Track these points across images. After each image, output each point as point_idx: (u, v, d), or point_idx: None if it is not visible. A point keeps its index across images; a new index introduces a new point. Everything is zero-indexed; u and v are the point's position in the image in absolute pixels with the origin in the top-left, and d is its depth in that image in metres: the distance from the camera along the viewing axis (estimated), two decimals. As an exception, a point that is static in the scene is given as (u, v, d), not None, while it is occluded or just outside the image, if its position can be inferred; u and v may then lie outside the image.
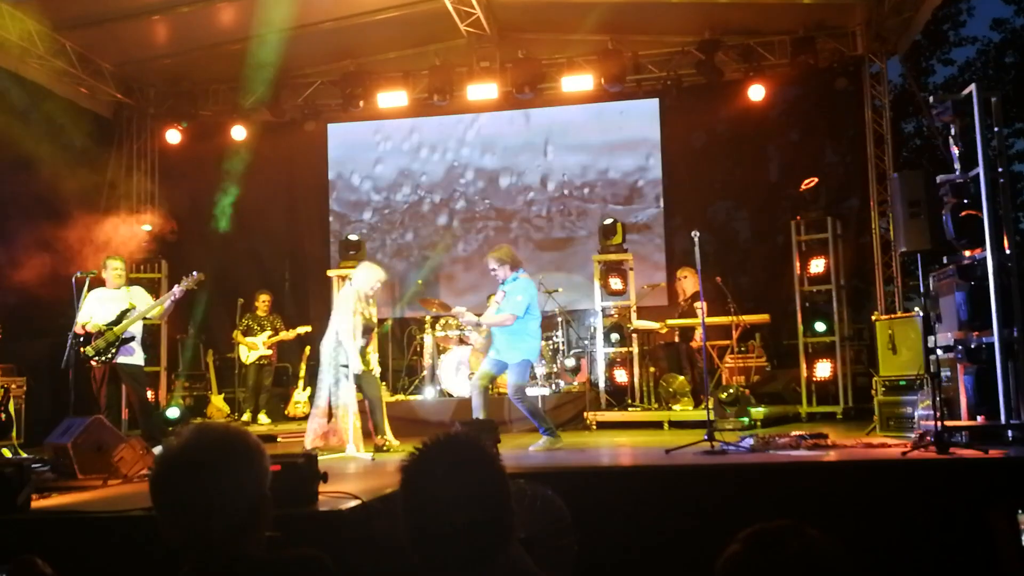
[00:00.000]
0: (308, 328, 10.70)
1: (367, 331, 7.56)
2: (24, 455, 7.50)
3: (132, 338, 7.50)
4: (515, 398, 7.53)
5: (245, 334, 10.83)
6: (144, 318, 7.66)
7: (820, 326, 10.07)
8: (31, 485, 4.46)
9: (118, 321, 7.42)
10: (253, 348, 10.74)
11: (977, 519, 4.52)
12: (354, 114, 12.01)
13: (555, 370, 10.32)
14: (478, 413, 7.45)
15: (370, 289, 7.55)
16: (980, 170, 6.12)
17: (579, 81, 11.23)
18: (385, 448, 7.40)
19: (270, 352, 10.79)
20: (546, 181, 12.34)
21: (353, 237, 11.53)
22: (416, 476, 1.85)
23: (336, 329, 7.40)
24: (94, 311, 7.45)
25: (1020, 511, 2.37)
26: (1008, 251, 6.07)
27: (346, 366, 7.31)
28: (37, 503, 4.58)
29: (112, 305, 7.53)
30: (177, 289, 7.60)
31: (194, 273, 7.68)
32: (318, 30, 11.17)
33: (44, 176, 10.16)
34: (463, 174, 12.57)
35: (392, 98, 11.62)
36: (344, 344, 7.33)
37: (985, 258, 6.07)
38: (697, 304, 9.64)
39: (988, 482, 4.98)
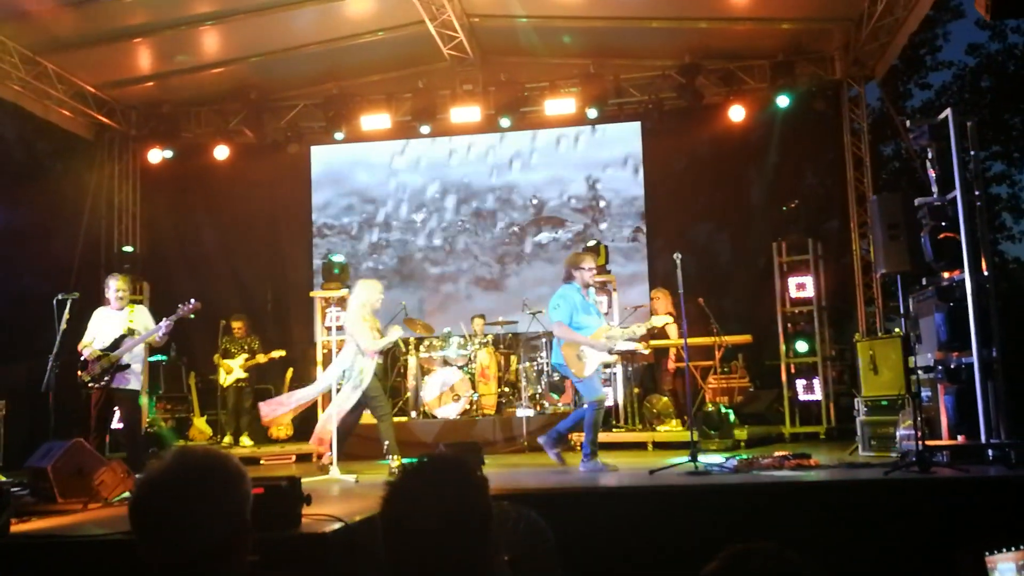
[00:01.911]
0: (283, 352, 10.66)
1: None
2: (3, 479, 7.40)
3: (127, 365, 7.40)
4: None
5: (224, 356, 10.76)
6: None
7: (802, 346, 10.17)
8: (10, 509, 4.42)
9: (115, 347, 7.35)
10: (229, 371, 10.65)
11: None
12: (337, 137, 12.03)
13: (539, 391, 10.32)
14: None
15: (376, 303, 7.56)
16: (957, 193, 6.20)
17: (561, 104, 11.30)
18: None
19: (247, 374, 10.69)
20: (529, 203, 12.38)
21: (336, 259, 11.51)
22: (397, 496, 1.85)
23: (354, 346, 7.39)
24: (98, 331, 7.40)
25: (987, 552, 2.35)
26: (986, 272, 6.14)
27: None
28: (16, 527, 4.53)
29: (114, 325, 7.45)
30: (171, 317, 7.50)
31: (192, 301, 7.54)
32: (301, 53, 11.23)
33: (24, 198, 10.13)
34: (446, 196, 12.60)
35: (375, 121, 11.65)
36: (360, 360, 7.35)
37: (963, 279, 6.14)
38: (669, 326, 9.67)
39: (969, 501, 5.01)
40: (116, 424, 8.37)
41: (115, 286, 7.59)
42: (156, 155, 12.11)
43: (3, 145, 9.96)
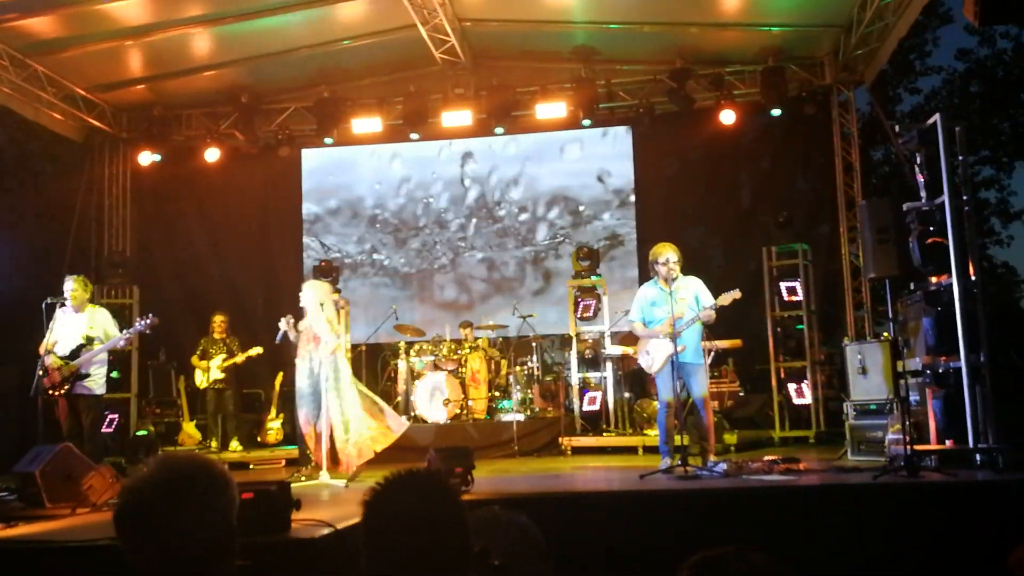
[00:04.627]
0: (259, 349, 10.44)
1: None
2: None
3: (88, 375, 7.37)
4: (705, 403, 6.97)
5: (202, 358, 10.63)
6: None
7: (792, 342, 10.24)
8: (-2, 514, 4.40)
9: (74, 356, 7.31)
10: (206, 372, 10.51)
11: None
12: (328, 140, 12.00)
13: (530, 395, 10.32)
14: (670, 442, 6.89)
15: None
16: (945, 198, 6.23)
17: (553, 108, 11.31)
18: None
19: (224, 375, 10.54)
20: (520, 206, 12.39)
21: (326, 262, 11.49)
22: (376, 511, 1.89)
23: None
24: (59, 335, 7.35)
25: None
26: (974, 277, 6.17)
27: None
28: (4, 532, 4.52)
29: (72, 329, 7.40)
30: (130, 331, 7.53)
31: (150, 317, 7.55)
32: (292, 57, 11.21)
33: (14, 200, 10.09)
34: (437, 200, 12.59)
35: (366, 124, 11.64)
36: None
37: (951, 284, 6.17)
38: None
39: (958, 506, 5.03)
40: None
41: (68, 288, 7.44)
42: (146, 158, 12.05)
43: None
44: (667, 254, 6.99)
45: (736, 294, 6.84)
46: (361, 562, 1.87)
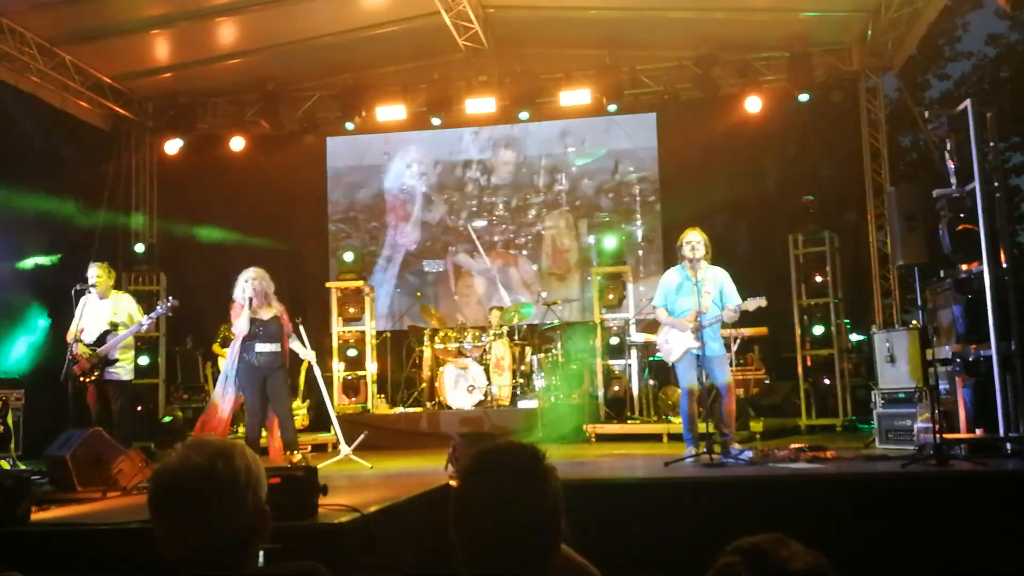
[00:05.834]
0: None
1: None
2: (23, 467, 7.49)
3: (116, 360, 7.48)
4: (728, 389, 6.80)
5: (223, 345, 10.70)
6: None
7: (818, 329, 10.17)
8: (30, 497, 4.45)
9: (100, 343, 7.41)
10: None
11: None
12: (350, 127, 12.02)
13: (554, 382, 10.32)
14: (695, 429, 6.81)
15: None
16: (976, 184, 6.15)
17: (577, 95, 11.26)
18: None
19: None
20: (545, 194, 12.37)
21: (351, 249, 11.53)
22: (473, 480, 1.86)
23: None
24: (85, 321, 7.46)
25: None
26: (1005, 265, 6.09)
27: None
28: (36, 515, 4.57)
29: (98, 315, 7.51)
30: (152, 315, 7.64)
31: (170, 299, 7.68)
32: (317, 44, 11.23)
33: (43, 188, 10.18)
34: (461, 187, 12.60)
35: (391, 112, 11.65)
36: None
37: (982, 271, 6.09)
38: None
39: (987, 495, 4.98)
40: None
41: (93, 274, 7.56)
42: (172, 146, 12.14)
43: (21, 136, 10.00)
44: (691, 235, 6.96)
45: (762, 302, 6.76)
46: (452, 532, 1.84)
